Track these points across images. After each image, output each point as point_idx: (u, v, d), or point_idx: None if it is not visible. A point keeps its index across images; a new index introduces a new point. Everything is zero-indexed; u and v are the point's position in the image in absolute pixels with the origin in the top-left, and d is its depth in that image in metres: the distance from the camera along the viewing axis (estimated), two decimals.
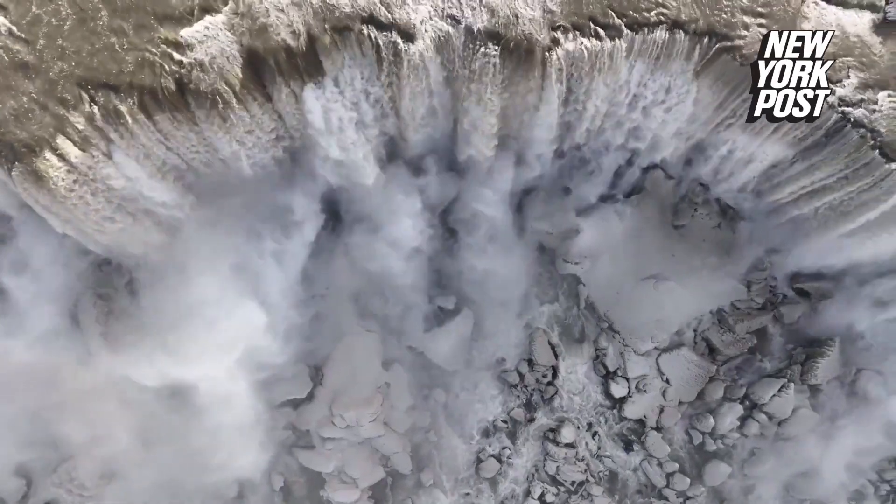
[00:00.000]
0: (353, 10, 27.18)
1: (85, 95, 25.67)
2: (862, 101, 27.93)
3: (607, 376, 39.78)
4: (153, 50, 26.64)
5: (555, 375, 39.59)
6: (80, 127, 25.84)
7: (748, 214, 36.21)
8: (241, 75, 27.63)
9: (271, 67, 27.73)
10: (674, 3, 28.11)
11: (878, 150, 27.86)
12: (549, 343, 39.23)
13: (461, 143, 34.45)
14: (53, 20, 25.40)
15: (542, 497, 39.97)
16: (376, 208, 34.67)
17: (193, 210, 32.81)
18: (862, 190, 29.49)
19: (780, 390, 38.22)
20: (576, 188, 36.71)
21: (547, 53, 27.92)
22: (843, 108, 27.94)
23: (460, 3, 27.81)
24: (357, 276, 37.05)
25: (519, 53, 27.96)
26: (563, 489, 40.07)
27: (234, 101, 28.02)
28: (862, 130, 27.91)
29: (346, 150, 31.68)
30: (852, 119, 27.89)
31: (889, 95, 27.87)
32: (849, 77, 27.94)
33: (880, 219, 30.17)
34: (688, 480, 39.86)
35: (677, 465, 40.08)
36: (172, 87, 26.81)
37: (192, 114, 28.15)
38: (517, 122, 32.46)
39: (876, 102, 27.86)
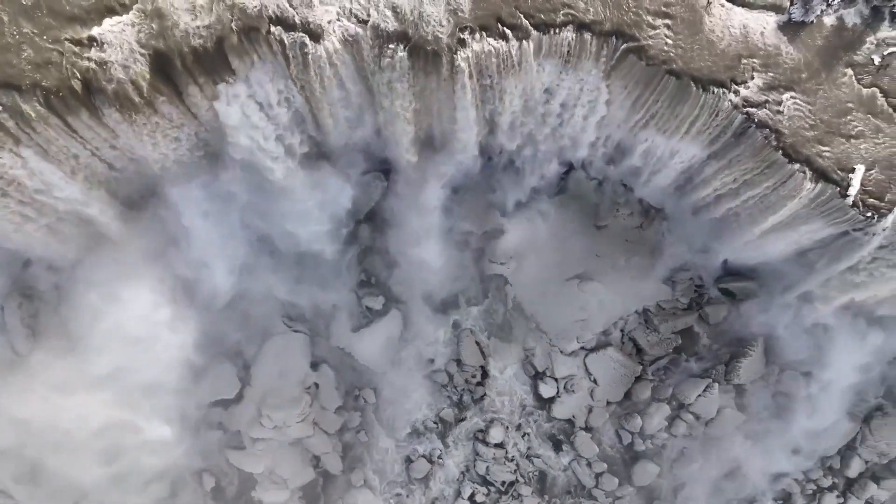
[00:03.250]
0: (260, 10, 27.19)
1: None
2: (766, 102, 27.98)
3: (536, 377, 39.80)
4: (59, 50, 26.48)
5: (484, 376, 39.61)
6: None
7: (671, 214, 36.31)
8: (149, 75, 27.64)
9: (179, 68, 27.76)
10: (581, 4, 28.10)
11: (781, 151, 27.92)
12: (477, 343, 39.25)
13: (383, 144, 34.63)
14: None
15: (472, 497, 40.03)
16: (299, 208, 34.69)
17: (114, 210, 32.91)
18: (770, 190, 29.63)
19: (704, 390, 38.38)
20: (501, 189, 36.74)
21: (454, 54, 27.96)
22: (747, 109, 28.03)
23: (368, 5, 27.84)
24: (284, 277, 37.09)
25: (426, 54, 28.00)
26: (493, 489, 40.14)
27: (143, 101, 28.01)
28: (766, 131, 27.97)
29: (262, 150, 31.76)
30: (756, 120, 27.96)
31: (793, 97, 27.99)
32: (753, 78, 28.06)
33: (790, 219, 30.31)
34: (616, 480, 39.93)
35: (606, 465, 40.15)
36: (79, 87, 26.75)
37: (101, 114, 28.15)
38: (436, 123, 32.57)
39: (780, 104, 27.93)
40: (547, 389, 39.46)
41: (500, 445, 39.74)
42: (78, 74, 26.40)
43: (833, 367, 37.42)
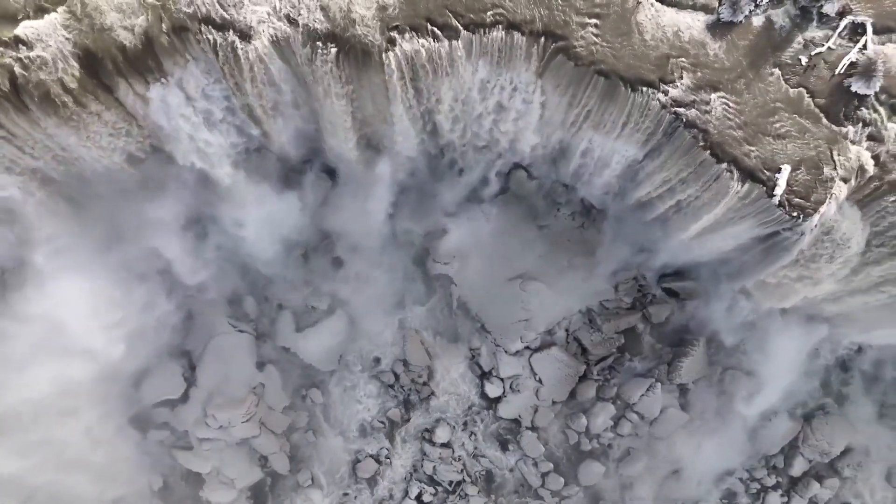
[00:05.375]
0: (190, 10, 27.22)
1: None
2: (694, 101, 27.97)
3: (482, 376, 39.82)
4: None
5: (430, 376, 39.60)
6: None
7: (612, 214, 36.27)
8: (78, 75, 27.66)
9: (109, 67, 27.78)
10: (510, 4, 28.16)
11: (709, 151, 27.98)
12: (423, 343, 39.27)
13: (324, 144, 34.68)
14: None
15: (419, 497, 40.07)
16: (241, 209, 34.73)
17: (54, 211, 32.89)
18: (701, 190, 29.71)
19: (648, 390, 38.46)
20: (444, 189, 36.76)
21: (384, 54, 28.00)
22: (676, 109, 28.08)
23: (298, 4, 27.88)
24: (228, 276, 37.10)
25: (356, 54, 28.04)
26: (440, 489, 40.16)
27: (73, 100, 28.02)
28: (694, 131, 28.01)
29: (199, 151, 31.82)
30: (685, 120, 28.01)
31: (721, 96, 28.04)
32: (682, 78, 28.12)
33: (722, 219, 30.40)
34: (562, 480, 39.93)
35: (552, 465, 40.12)
36: (6, 86, 26.78)
37: (31, 113, 28.17)
38: (374, 123, 32.61)
39: (708, 103, 27.96)
40: (493, 389, 39.46)
41: (446, 445, 39.77)
42: (4, 73, 26.48)
43: (775, 367, 37.51)
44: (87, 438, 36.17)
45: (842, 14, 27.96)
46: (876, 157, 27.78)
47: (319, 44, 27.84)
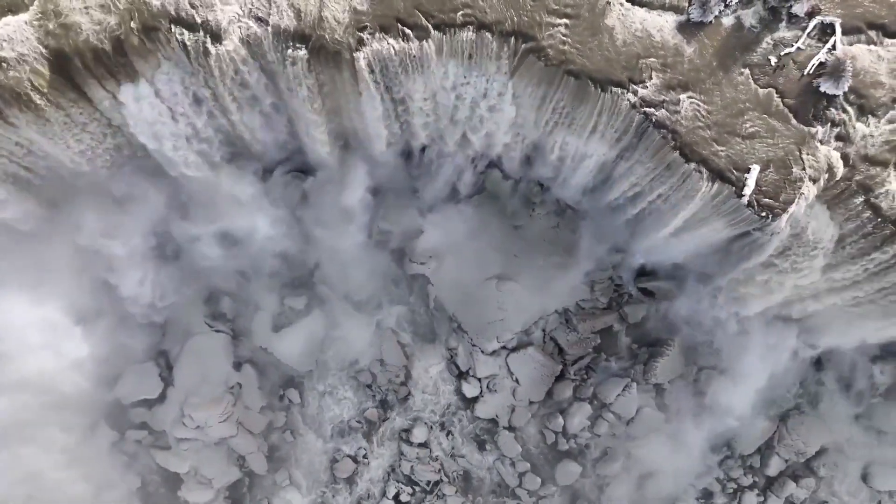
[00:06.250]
0: (160, 10, 27.25)
1: None
2: (664, 101, 28.04)
3: (460, 376, 39.81)
4: None
5: (408, 376, 39.60)
6: None
7: (587, 214, 36.33)
8: (49, 75, 27.67)
9: (80, 68, 27.78)
10: (481, 4, 28.23)
11: (678, 151, 28.00)
12: (399, 343, 39.27)
13: (301, 143, 34.68)
14: None
15: (397, 497, 40.06)
16: (218, 207, 34.71)
17: (33, 212, 32.88)
18: (672, 190, 29.74)
19: (623, 390, 38.50)
20: (419, 188, 36.82)
21: (354, 54, 28.01)
22: (645, 109, 28.12)
23: (268, 4, 27.90)
24: (205, 276, 37.12)
25: (327, 54, 28.06)
26: (418, 489, 40.15)
27: (43, 100, 28.02)
28: (664, 131, 28.04)
29: (172, 151, 31.79)
30: (654, 120, 28.04)
31: (690, 97, 28.07)
32: (651, 78, 28.15)
33: (694, 218, 30.43)
34: (539, 480, 39.92)
35: (529, 465, 40.10)
36: None
37: (4, 114, 28.17)
38: (347, 123, 32.63)
39: (678, 103, 27.99)
40: (470, 389, 39.48)
41: (424, 445, 39.78)
42: None
43: (750, 367, 37.41)
44: (64, 440, 36.21)
45: (811, 14, 28.06)
46: (844, 157, 27.84)
47: (290, 44, 27.91)
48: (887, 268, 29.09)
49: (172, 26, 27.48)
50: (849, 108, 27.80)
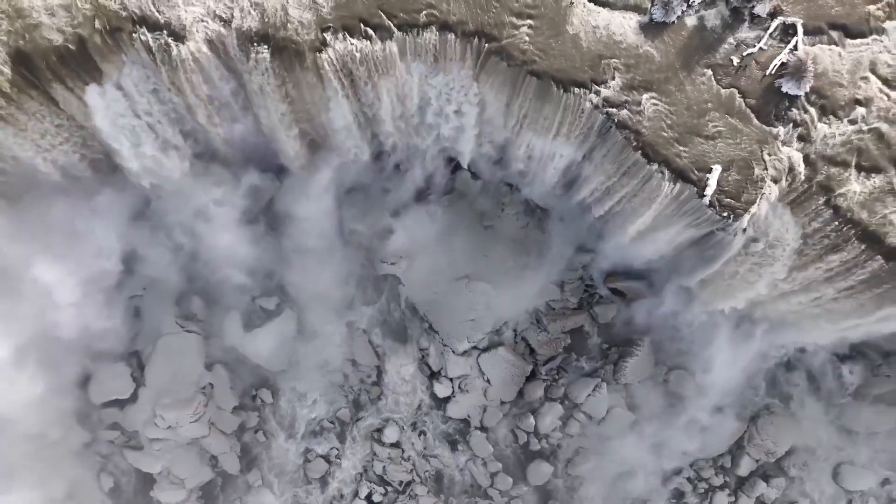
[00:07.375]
0: (123, 10, 27.21)
1: None
2: (626, 102, 28.01)
3: (432, 376, 39.83)
4: None
5: (380, 376, 39.65)
6: None
7: (557, 214, 36.42)
8: (10, 76, 27.68)
9: (43, 69, 27.77)
10: (444, 5, 28.19)
11: (640, 152, 28.02)
12: (371, 343, 39.33)
13: (269, 144, 34.67)
14: None
15: (369, 497, 40.10)
16: (185, 211, 34.75)
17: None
18: (636, 191, 29.79)
19: (594, 390, 38.56)
20: (391, 189, 36.86)
21: (317, 55, 28.03)
22: (607, 110, 28.13)
23: (231, 5, 27.88)
24: (176, 276, 37.12)
25: (290, 55, 28.06)
26: (390, 489, 40.19)
27: (4, 101, 28.07)
28: (626, 132, 28.06)
29: (139, 153, 31.81)
30: (616, 120, 28.06)
31: (652, 97, 28.07)
32: (614, 79, 28.16)
33: (659, 219, 30.46)
34: (510, 480, 39.99)
35: (501, 465, 40.17)
36: None
37: None
38: (314, 123, 32.63)
39: (640, 104, 27.97)
40: (442, 389, 39.53)
41: (396, 445, 39.83)
42: None
43: (720, 367, 37.48)
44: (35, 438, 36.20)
45: (773, 15, 28.03)
46: (806, 158, 27.87)
47: (254, 44, 27.90)
48: (850, 268, 29.14)
49: (136, 27, 27.45)
50: (810, 109, 27.76)
